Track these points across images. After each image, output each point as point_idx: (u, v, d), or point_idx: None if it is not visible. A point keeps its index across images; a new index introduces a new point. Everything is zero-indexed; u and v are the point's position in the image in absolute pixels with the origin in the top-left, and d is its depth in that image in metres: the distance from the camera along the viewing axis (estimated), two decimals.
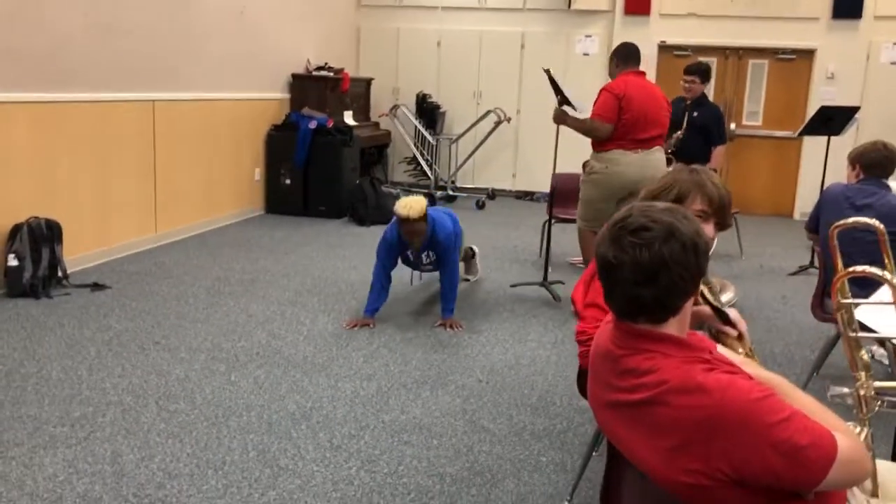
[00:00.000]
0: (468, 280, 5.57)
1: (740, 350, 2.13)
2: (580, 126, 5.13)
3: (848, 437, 1.49)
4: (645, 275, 1.52)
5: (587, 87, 7.16)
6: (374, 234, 6.98)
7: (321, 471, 2.90)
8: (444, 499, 2.75)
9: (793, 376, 1.86)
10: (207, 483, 2.78)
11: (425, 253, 4.64)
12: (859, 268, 2.01)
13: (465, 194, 8.99)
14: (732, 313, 2.20)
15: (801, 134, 6.83)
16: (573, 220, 5.72)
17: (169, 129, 6.30)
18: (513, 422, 3.37)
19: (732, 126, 8.61)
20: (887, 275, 2.02)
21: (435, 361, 4.02)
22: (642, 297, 1.54)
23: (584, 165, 5.32)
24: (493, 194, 9.23)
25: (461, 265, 5.15)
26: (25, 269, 4.71)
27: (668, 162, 5.61)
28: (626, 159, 5.01)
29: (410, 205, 4.40)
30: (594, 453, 2.88)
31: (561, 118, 5.14)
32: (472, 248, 5.60)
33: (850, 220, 2.34)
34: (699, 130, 5.97)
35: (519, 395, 3.64)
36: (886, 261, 2.27)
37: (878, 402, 2.02)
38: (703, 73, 6.15)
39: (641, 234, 1.53)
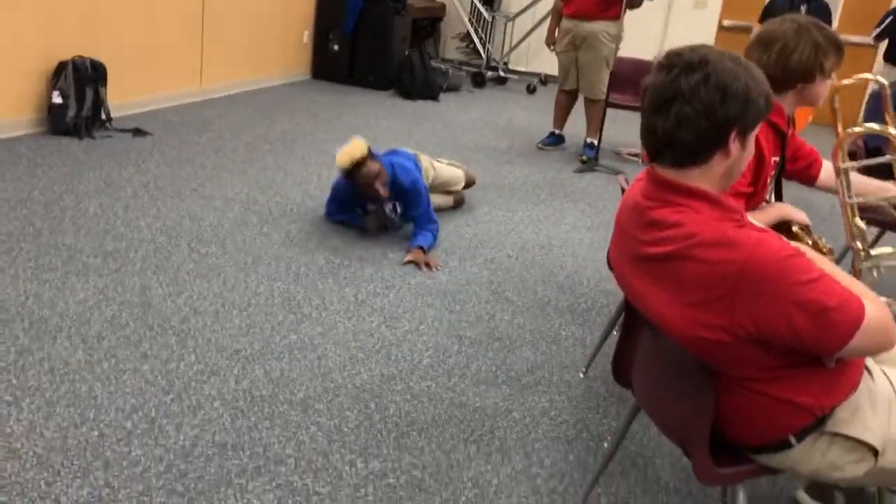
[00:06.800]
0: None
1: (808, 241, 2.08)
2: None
3: (876, 306, 1.44)
4: (660, 102, 1.46)
5: None
6: (418, 109, 6.89)
7: (343, 322, 2.94)
8: (461, 358, 2.77)
9: None
10: (231, 322, 2.84)
11: (388, 205, 3.77)
12: (857, 128, 1.98)
13: (516, 77, 8.73)
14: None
15: (878, 39, 6.42)
16: (633, 108, 5.61)
17: None
18: (537, 296, 3.36)
19: None
20: (891, 130, 1.97)
21: (466, 235, 3.99)
22: (655, 128, 1.48)
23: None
24: (545, 79, 8.95)
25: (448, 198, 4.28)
26: (69, 107, 4.72)
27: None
28: None
29: (343, 152, 3.54)
30: (614, 332, 2.87)
31: None
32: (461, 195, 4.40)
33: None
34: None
35: (547, 273, 3.62)
36: (888, 118, 2.16)
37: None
38: None
39: (670, 57, 1.45)
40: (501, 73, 8.61)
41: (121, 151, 4.65)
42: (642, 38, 8.31)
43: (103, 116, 4.96)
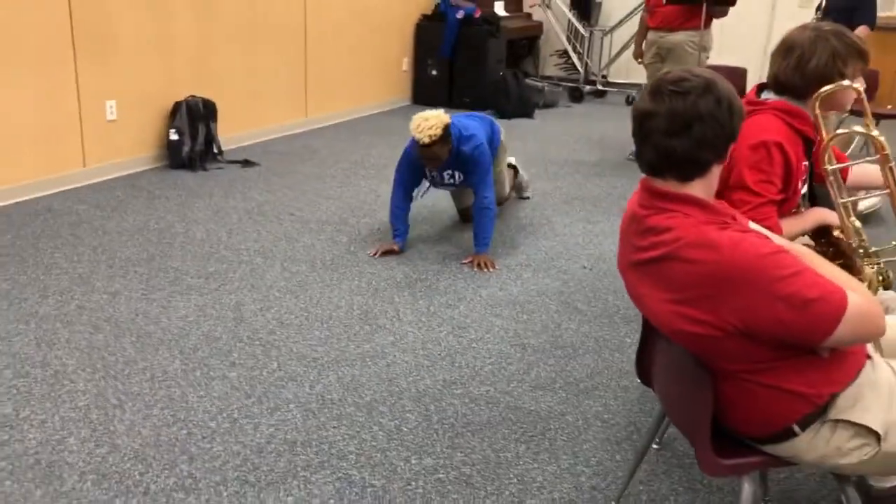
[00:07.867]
0: (526, 198, 4.93)
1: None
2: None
3: (861, 296, 1.50)
4: (679, 125, 1.56)
5: None
6: (512, 126, 7.05)
7: (413, 331, 3.14)
8: (521, 365, 2.91)
9: None
10: (312, 333, 3.10)
11: (447, 172, 3.96)
12: (840, 131, 2.05)
13: (615, 89, 8.76)
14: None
15: None
16: None
17: (320, 16, 6.57)
18: (607, 305, 3.44)
19: None
20: (873, 132, 2.01)
21: (543, 247, 4.12)
22: (673, 148, 1.57)
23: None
24: None
25: (506, 181, 4.50)
26: (184, 143, 5.21)
27: None
28: None
29: (422, 126, 3.59)
30: None
31: None
32: (512, 165, 4.73)
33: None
34: (842, 11, 4.86)
35: (620, 282, 3.69)
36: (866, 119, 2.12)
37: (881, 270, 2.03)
38: None
39: (680, 83, 1.56)
40: (600, 87, 8.65)
41: (229, 181, 5.08)
42: (747, 41, 8.17)
43: (215, 150, 5.43)
